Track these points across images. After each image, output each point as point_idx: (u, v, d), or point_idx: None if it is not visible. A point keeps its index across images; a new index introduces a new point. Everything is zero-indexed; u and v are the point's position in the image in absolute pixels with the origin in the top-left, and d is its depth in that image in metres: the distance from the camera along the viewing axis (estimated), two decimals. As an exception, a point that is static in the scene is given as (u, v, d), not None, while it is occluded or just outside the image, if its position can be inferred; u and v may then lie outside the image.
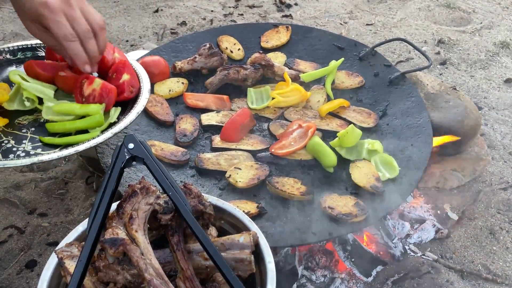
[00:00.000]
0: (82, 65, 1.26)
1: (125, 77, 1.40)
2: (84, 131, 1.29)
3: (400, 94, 1.70)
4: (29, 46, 1.53)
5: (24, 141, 1.28)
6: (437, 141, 1.62)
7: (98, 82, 1.34)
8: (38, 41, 1.51)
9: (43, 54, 1.52)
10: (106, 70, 1.42)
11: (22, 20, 1.23)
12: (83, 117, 1.31)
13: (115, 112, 1.35)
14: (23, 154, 1.23)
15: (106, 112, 1.34)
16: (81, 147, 1.19)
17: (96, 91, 1.33)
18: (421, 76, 1.85)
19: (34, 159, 1.16)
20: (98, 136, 1.24)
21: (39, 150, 1.25)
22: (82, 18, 1.21)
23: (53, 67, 1.41)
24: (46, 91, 1.36)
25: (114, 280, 0.86)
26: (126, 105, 1.38)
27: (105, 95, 1.33)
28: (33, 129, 1.32)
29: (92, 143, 1.21)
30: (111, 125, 1.30)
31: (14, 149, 1.25)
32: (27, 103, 1.36)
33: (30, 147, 1.26)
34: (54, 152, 1.19)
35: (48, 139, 1.27)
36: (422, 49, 2.28)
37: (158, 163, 0.90)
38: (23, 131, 1.32)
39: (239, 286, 0.81)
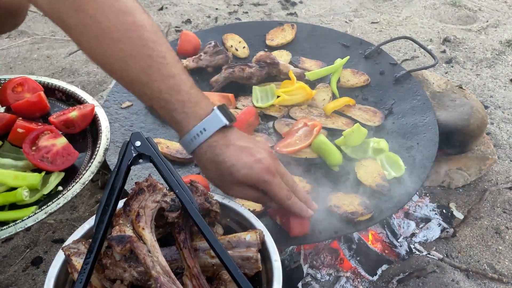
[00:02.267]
0: (306, 213, 1.13)
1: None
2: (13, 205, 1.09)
3: (406, 92, 1.70)
4: None
5: None
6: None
7: (62, 141, 1.16)
8: None
9: None
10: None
11: (223, 185, 1.07)
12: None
13: (55, 179, 1.15)
14: None
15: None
16: (2, 233, 0.98)
17: (55, 148, 1.14)
18: (427, 75, 1.84)
19: None
20: (29, 216, 1.03)
21: None
22: (286, 170, 1.10)
23: (1, 119, 1.24)
24: None
25: (121, 277, 0.86)
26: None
27: (62, 159, 1.13)
28: None
29: (18, 227, 1.00)
30: (49, 196, 1.11)
31: None
32: None
33: None
34: None
35: None
36: (427, 47, 2.27)
37: (165, 161, 0.90)
38: None
39: (246, 284, 0.81)
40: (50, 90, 1.40)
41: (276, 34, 1.96)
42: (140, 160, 0.92)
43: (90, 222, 0.97)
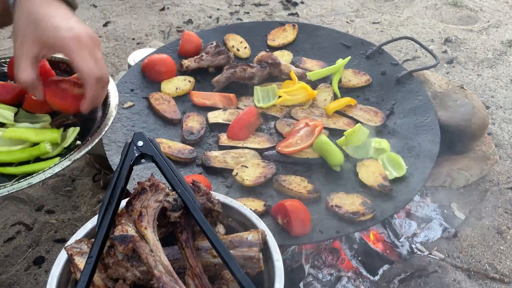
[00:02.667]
0: (87, 106, 1.15)
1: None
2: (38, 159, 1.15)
3: (407, 92, 1.70)
4: None
5: None
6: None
7: (80, 91, 1.18)
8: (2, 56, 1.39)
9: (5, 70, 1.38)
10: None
11: (22, 41, 1.07)
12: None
13: (72, 133, 1.20)
14: None
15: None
16: (34, 179, 1.05)
17: (76, 93, 1.17)
18: (429, 75, 1.84)
19: None
20: (56, 164, 1.09)
21: None
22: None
23: (14, 89, 1.28)
24: (5, 113, 1.22)
25: (123, 277, 0.86)
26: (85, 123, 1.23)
27: (75, 103, 1.18)
28: None
29: (47, 173, 1.07)
30: (69, 149, 1.17)
31: None
32: None
33: None
34: (5, 187, 1.04)
35: (4, 169, 1.12)
36: (429, 47, 2.27)
37: (167, 160, 0.90)
38: None
39: (248, 283, 0.81)
40: (54, 64, 1.41)
41: (277, 34, 1.97)
42: (143, 160, 0.92)
43: (92, 222, 0.98)
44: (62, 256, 0.91)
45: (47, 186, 1.82)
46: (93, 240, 0.84)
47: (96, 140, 1.16)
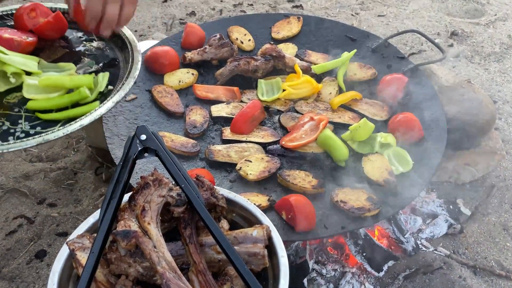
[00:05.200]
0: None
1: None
2: (75, 104, 1.21)
3: (413, 86, 1.67)
4: None
5: (20, 121, 1.18)
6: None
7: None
8: (5, 9, 1.47)
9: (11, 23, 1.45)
10: None
11: None
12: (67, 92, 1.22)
13: (103, 79, 1.26)
14: (23, 135, 1.14)
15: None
16: (85, 121, 1.10)
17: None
18: (435, 69, 1.82)
19: (39, 139, 1.07)
20: (99, 107, 1.15)
21: (38, 129, 1.16)
22: None
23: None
24: (29, 63, 1.26)
25: (126, 273, 0.85)
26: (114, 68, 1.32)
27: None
28: (25, 106, 1.22)
29: (96, 115, 1.12)
30: (102, 95, 1.23)
31: (12, 130, 1.16)
32: (12, 79, 1.25)
33: (28, 127, 1.17)
34: (59, 129, 1.09)
35: (47, 116, 1.17)
36: (435, 41, 2.24)
37: (170, 155, 0.88)
38: (15, 110, 1.22)
39: (252, 280, 0.79)
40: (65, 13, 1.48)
41: (282, 26, 1.94)
42: (146, 154, 0.90)
43: (94, 216, 0.96)
44: (64, 251, 0.90)
45: (49, 179, 1.81)
46: (95, 235, 0.83)
47: (131, 83, 1.22)
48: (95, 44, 1.46)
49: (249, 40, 1.88)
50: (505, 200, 1.72)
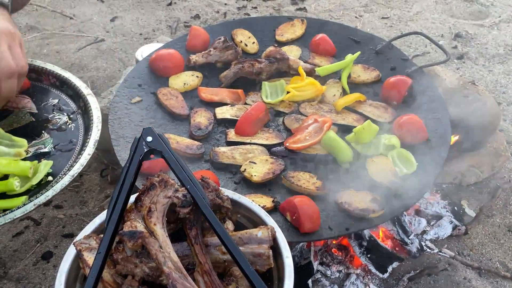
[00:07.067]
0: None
1: None
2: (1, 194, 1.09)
3: (417, 88, 1.67)
4: None
5: None
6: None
7: None
8: None
9: None
10: None
11: None
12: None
13: (44, 168, 1.14)
14: None
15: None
16: None
17: None
18: (439, 71, 1.82)
19: None
20: (20, 206, 1.04)
21: None
22: (9, 55, 1.19)
23: None
24: None
25: (132, 273, 0.86)
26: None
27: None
28: None
29: (7, 218, 1.01)
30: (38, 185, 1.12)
31: None
32: None
33: None
34: None
35: None
36: (439, 43, 2.24)
37: (176, 156, 0.89)
38: None
39: (257, 280, 0.80)
40: (44, 74, 1.41)
41: (285, 29, 1.95)
42: (152, 156, 0.91)
43: (101, 217, 0.97)
44: (71, 252, 0.91)
45: (55, 181, 1.83)
46: (101, 235, 0.84)
47: (66, 183, 1.08)
48: (64, 118, 1.35)
49: (253, 42, 1.89)
50: (510, 202, 1.71)
